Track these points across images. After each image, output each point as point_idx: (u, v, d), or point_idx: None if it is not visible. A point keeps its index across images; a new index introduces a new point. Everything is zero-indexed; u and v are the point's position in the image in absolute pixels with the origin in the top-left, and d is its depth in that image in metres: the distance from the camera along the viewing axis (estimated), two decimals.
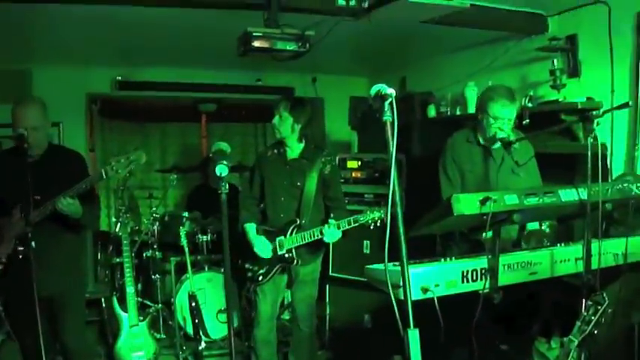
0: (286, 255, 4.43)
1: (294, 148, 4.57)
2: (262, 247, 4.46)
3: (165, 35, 5.60)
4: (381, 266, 3.02)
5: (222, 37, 4.52)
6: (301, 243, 4.37)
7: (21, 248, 3.72)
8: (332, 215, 4.44)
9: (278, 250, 4.45)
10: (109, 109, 7.75)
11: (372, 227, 4.19)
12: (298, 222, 4.43)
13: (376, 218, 4.14)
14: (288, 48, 4.19)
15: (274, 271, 4.51)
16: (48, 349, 3.74)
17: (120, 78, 7.28)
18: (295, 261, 4.44)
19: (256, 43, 4.10)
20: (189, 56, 6.68)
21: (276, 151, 4.64)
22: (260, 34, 4.12)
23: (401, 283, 2.28)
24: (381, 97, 2.22)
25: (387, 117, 2.21)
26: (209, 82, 7.68)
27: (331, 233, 4.23)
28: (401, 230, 2.19)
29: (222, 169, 3.01)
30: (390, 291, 2.25)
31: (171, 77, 7.46)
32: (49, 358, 3.62)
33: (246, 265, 4.57)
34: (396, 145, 2.19)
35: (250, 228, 4.57)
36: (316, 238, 4.29)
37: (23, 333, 3.90)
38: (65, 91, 6.81)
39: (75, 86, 7.11)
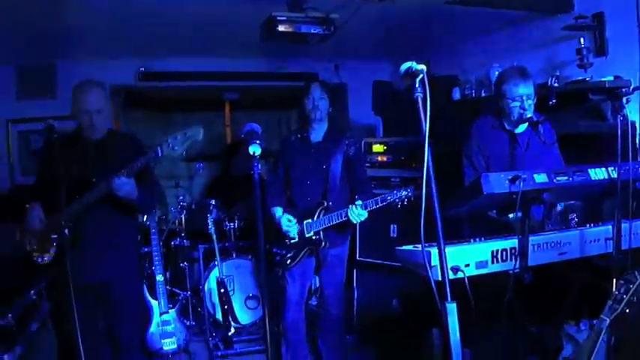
0: (314, 237, 4.44)
1: (319, 131, 4.60)
2: (290, 225, 4.47)
3: (187, 24, 5.60)
4: (411, 247, 3.04)
5: (245, 23, 4.53)
6: (328, 225, 4.37)
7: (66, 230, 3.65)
8: (357, 197, 4.40)
9: (305, 232, 4.46)
10: (133, 101, 7.79)
11: (399, 206, 4.13)
12: (325, 204, 4.43)
13: (403, 197, 4.10)
14: (312, 31, 4.19)
15: (302, 254, 4.51)
16: (93, 338, 3.76)
17: (143, 69, 7.29)
18: (323, 243, 4.44)
19: (281, 28, 4.11)
20: (212, 45, 6.68)
21: (299, 135, 4.66)
22: (284, 18, 4.13)
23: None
24: (412, 75, 2.21)
25: (419, 93, 2.20)
26: (232, 70, 7.65)
27: (358, 213, 4.20)
28: (436, 207, 2.17)
29: (255, 149, 3.01)
30: (428, 267, 2.25)
31: (194, 67, 7.45)
32: (90, 346, 3.53)
33: (274, 250, 4.57)
34: (428, 121, 2.17)
35: (277, 211, 4.58)
36: (343, 219, 4.27)
37: (64, 321, 3.90)
38: None
39: (99, 78, 7.10)
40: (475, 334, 3.30)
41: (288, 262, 4.52)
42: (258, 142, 3.03)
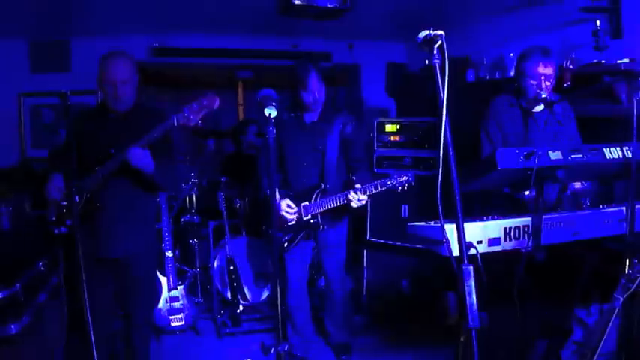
0: (311, 221, 4.42)
1: (314, 112, 4.53)
2: (289, 212, 4.44)
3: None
4: (423, 223, 3.02)
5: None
6: (326, 208, 4.34)
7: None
8: (354, 178, 4.39)
9: (302, 215, 4.44)
10: (145, 77, 7.76)
11: (399, 190, 4.11)
12: (322, 187, 4.41)
13: (404, 182, 4.07)
14: (329, 5, 4.15)
15: (299, 237, 4.51)
16: (104, 311, 3.74)
17: (156, 45, 7.28)
18: (321, 226, 4.42)
19: (297, 1, 4.07)
20: (226, 22, 6.65)
21: (293, 115, 4.58)
22: None
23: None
24: (430, 41, 2.19)
25: (437, 60, 2.18)
26: (245, 48, 7.63)
27: (358, 199, 4.16)
28: (454, 178, 2.15)
29: (271, 110, 2.98)
30: (445, 236, 2.23)
31: (208, 44, 7.44)
32: (100, 319, 3.41)
33: (270, 232, 4.52)
34: (446, 89, 2.15)
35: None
36: (341, 203, 4.24)
37: (76, 292, 3.89)
38: None
39: None
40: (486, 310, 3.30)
41: (285, 245, 4.52)
42: (274, 104, 3.00)
